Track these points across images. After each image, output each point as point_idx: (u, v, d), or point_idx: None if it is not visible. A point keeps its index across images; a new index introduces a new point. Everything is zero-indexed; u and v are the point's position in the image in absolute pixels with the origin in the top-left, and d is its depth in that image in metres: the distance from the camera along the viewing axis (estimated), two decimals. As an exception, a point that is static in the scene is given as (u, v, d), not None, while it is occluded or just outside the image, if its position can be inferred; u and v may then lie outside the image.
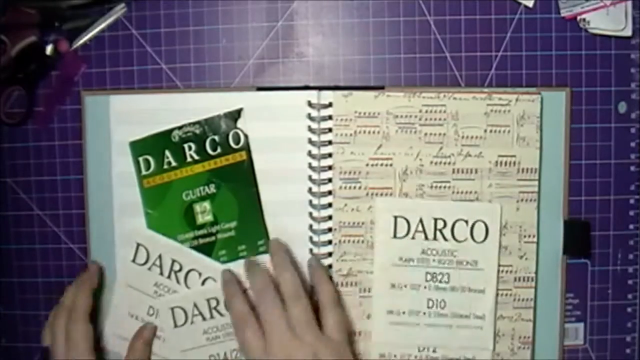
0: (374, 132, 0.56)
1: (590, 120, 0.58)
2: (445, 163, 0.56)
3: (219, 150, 0.57)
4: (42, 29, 0.58)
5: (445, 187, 0.56)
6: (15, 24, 0.58)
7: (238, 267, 0.57)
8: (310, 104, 0.56)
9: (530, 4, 0.57)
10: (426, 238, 0.56)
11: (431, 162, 0.56)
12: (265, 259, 0.57)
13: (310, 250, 0.57)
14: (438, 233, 0.56)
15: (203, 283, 0.57)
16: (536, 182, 0.56)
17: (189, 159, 0.58)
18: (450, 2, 0.58)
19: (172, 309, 0.57)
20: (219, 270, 0.57)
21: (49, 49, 0.59)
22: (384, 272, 0.56)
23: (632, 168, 0.58)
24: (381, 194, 0.56)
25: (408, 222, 0.56)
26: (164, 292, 0.58)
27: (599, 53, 0.58)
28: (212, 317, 0.57)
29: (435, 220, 0.56)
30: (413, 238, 0.56)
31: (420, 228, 0.56)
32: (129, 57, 0.59)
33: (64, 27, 0.59)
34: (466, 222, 0.56)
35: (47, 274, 0.60)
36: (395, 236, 0.56)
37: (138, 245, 0.58)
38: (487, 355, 0.57)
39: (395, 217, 0.56)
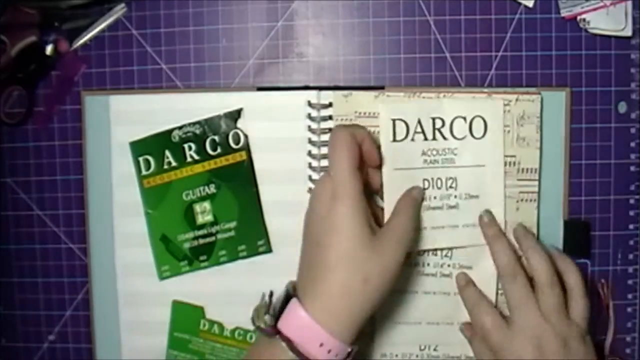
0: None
1: (590, 120, 0.58)
2: (445, 162, 0.56)
3: (219, 150, 0.57)
4: (42, 29, 0.58)
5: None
6: (15, 24, 0.58)
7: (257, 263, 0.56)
8: (310, 104, 0.56)
9: (530, 4, 0.57)
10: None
11: (431, 162, 0.56)
12: (264, 260, 0.57)
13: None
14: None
15: (470, 126, 0.55)
16: (536, 182, 0.56)
17: (189, 159, 0.58)
18: (450, 2, 0.57)
19: None
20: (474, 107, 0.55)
21: (49, 49, 0.59)
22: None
23: (632, 168, 0.58)
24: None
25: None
26: (433, 155, 0.55)
27: (598, 53, 0.58)
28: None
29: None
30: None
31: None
32: (129, 57, 0.59)
33: (64, 27, 0.59)
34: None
35: (47, 274, 0.60)
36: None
37: (394, 121, 0.55)
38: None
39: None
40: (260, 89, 0.58)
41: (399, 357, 0.57)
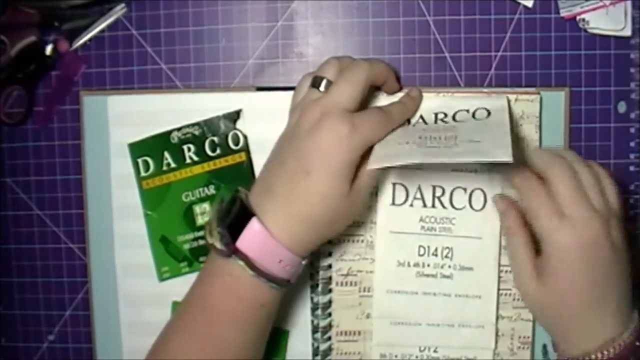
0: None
1: (589, 120, 0.58)
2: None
3: (218, 151, 0.57)
4: (42, 29, 0.58)
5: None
6: (15, 24, 0.58)
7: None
8: (309, 104, 0.56)
9: (530, 4, 0.57)
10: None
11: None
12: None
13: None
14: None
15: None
16: (536, 182, 0.56)
17: (188, 160, 0.58)
18: (450, 2, 0.57)
19: None
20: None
21: (48, 49, 0.59)
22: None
23: (632, 168, 0.58)
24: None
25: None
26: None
27: (598, 53, 0.58)
28: None
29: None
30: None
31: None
32: (128, 57, 0.59)
33: (63, 27, 0.59)
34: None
35: (46, 274, 0.60)
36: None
37: (394, 185, 0.56)
38: (489, 355, 0.57)
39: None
40: (259, 89, 0.58)
41: (399, 358, 0.57)
